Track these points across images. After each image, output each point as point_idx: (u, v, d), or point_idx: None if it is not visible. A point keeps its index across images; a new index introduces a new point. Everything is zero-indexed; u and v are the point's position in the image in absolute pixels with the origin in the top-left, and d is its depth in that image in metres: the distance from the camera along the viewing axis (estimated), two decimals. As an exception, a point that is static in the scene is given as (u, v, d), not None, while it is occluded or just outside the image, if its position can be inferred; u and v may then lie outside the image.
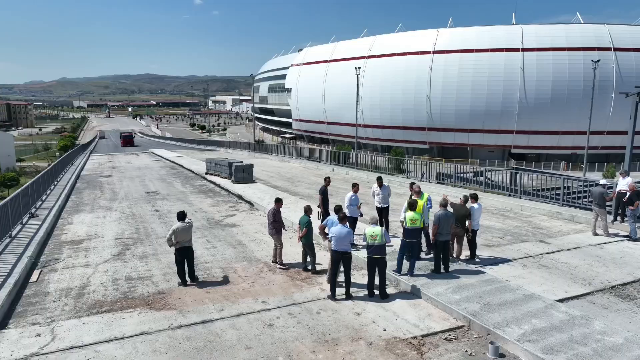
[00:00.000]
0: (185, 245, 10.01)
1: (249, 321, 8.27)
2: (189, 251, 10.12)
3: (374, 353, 7.16)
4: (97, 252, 12.75)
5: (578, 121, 61.06)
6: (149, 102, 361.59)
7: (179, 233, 9.88)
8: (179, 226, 9.92)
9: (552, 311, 8.19)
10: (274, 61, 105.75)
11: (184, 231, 9.98)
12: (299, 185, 23.59)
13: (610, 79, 63.66)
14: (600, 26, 69.45)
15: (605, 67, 61.49)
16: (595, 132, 60.65)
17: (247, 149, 51.26)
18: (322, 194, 13.04)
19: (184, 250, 9.98)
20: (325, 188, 13.21)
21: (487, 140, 69.01)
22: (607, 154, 66.81)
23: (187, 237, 10.05)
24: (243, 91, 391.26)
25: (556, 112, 64.44)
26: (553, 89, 65.10)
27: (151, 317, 8.49)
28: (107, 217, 17.08)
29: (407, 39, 74.48)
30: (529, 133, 66.92)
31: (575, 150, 65.99)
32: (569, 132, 65.27)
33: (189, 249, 10.09)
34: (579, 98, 63.07)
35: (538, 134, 66.67)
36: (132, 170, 32.27)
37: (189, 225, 10.14)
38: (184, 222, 10.04)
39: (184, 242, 10.00)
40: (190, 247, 10.16)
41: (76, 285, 10.22)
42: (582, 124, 58.14)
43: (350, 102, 71.38)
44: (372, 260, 9.11)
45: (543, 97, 65.42)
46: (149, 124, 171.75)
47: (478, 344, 7.46)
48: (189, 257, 10.10)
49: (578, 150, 64.62)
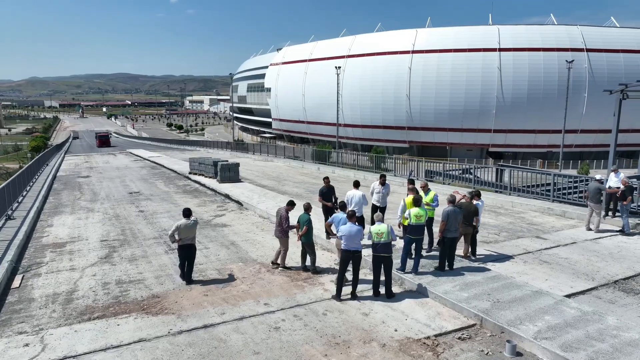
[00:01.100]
0: (188, 243, 9.81)
1: (254, 325, 7.88)
2: (192, 249, 9.93)
3: (389, 355, 6.87)
4: (83, 255, 12.12)
5: (553, 120, 62.27)
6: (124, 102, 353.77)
7: (182, 230, 9.71)
8: (183, 223, 9.75)
9: (563, 307, 8.06)
10: (252, 60, 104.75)
11: (187, 228, 9.76)
12: (286, 184, 23.19)
13: (583, 79, 65.12)
14: (573, 27, 71.12)
15: (578, 67, 62.89)
16: (570, 131, 61.95)
17: (227, 148, 50.46)
18: (321, 195, 12.49)
19: (186, 248, 9.80)
20: (325, 189, 12.51)
21: (466, 139, 69.81)
22: (581, 152, 68.35)
23: (190, 235, 9.86)
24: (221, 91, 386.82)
25: (532, 111, 65.59)
26: (529, 88, 66.23)
27: (148, 322, 8.01)
28: (89, 219, 16.36)
29: (386, 38, 74.81)
30: (506, 132, 67.93)
31: (551, 148, 67.30)
32: (545, 130, 66.47)
33: (191, 247, 9.89)
34: (553, 97, 64.34)
35: (515, 132, 67.73)
36: (111, 171, 31.27)
37: (193, 223, 9.92)
38: (189, 220, 9.86)
39: (187, 240, 9.78)
40: (192, 245, 9.95)
41: (63, 291, 9.63)
42: (557, 123, 59.38)
43: (330, 102, 71.22)
44: (378, 258, 8.83)
45: (519, 97, 66.52)
46: (125, 124, 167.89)
47: (493, 342, 7.26)
48: (190, 255, 9.92)
49: (553, 148, 65.92)
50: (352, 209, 9.85)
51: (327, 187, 12.54)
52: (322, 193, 12.52)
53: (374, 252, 8.86)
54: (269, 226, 14.98)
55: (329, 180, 12.95)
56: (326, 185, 12.63)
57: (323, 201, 12.45)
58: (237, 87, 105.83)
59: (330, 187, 12.57)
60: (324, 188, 12.55)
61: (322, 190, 12.56)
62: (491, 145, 69.43)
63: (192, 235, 9.91)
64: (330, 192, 12.45)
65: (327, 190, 12.47)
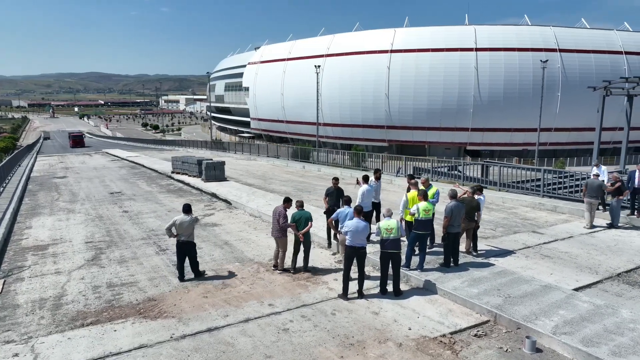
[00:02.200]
0: (183, 239, 9.52)
1: (260, 327, 7.50)
2: (189, 246, 9.64)
3: (407, 355, 6.60)
4: (68, 257, 11.48)
5: (528, 119, 63.43)
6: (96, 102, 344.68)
7: (178, 226, 9.48)
8: (179, 218, 9.55)
9: (575, 301, 7.95)
10: (230, 59, 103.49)
11: (183, 224, 9.47)
12: (272, 183, 22.76)
13: (556, 78, 66.55)
14: (546, 28, 72.70)
15: (551, 67, 64.25)
16: (544, 129, 63.24)
17: (207, 147, 49.58)
18: (327, 196, 11.59)
19: (183, 245, 9.54)
20: (333, 190, 11.55)
21: (444, 138, 70.54)
22: (555, 149, 69.85)
23: (186, 232, 9.57)
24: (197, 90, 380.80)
25: (508, 110, 66.67)
26: (505, 88, 67.31)
27: (147, 327, 7.54)
28: (71, 220, 15.61)
29: (365, 38, 74.95)
30: (484, 131, 68.92)
31: (526, 146, 68.59)
32: (521, 129, 67.64)
33: (188, 244, 9.60)
34: (529, 97, 65.55)
35: (492, 131, 68.75)
36: (88, 171, 30.19)
37: (190, 220, 9.61)
38: (186, 216, 9.56)
39: (182, 236, 9.51)
40: (190, 242, 9.65)
41: (50, 296, 9.03)
42: (532, 122, 60.54)
43: (309, 101, 70.96)
44: (387, 255, 8.55)
45: (496, 96, 67.54)
46: (98, 124, 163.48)
47: (510, 339, 7.07)
48: (189, 252, 9.66)
49: (529, 146, 67.19)
50: (359, 205, 9.53)
51: (335, 189, 11.52)
52: (329, 194, 11.56)
53: (382, 248, 8.58)
54: (261, 225, 14.57)
55: (337, 181, 11.88)
56: (334, 186, 11.61)
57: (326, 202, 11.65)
58: (215, 87, 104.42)
59: (339, 189, 11.51)
60: (332, 189, 11.57)
61: (329, 190, 11.59)
62: (469, 143, 70.32)
63: (188, 232, 9.59)
64: (340, 195, 11.26)
65: (336, 193, 11.44)
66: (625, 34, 71.02)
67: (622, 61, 67.67)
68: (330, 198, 11.46)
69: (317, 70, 64.54)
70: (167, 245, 12.38)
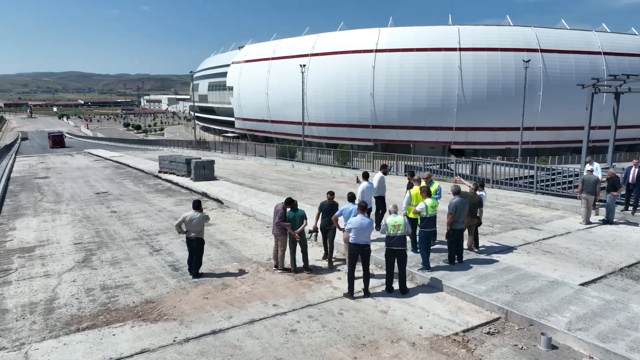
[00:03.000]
0: (193, 236, 9.43)
1: (267, 328, 7.22)
2: (198, 243, 9.51)
3: (422, 354, 6.41)
4: (56, 259, 11.00)
5: (511, 118, 64.15)
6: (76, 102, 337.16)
7: (188, 222, 9.42)
8: (189, 215, 9.47)
9: (584, 297, 7.87)
10: (213, 59, 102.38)
11: (192, 221, 9.39)
12: (263, 182, 22.43)
13: (538, 78, 67.44)
14: (527, 29, 73.71)
15: (533, 67, 65.09)
16: (527, 128, 64.05)
17: (191, 147, 48.89)
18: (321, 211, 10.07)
19: (193, 242, 9.46)
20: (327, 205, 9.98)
21: (429, 137, 70.90)
22: (537, 148, 70.83)
23: (195, 229, 9.42)
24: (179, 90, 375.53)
25: (491, 110, 67.33)
26: (488, 87, 67.97)
27: (148, 330, 7.19)
28: (57, 221, 15.06)
29: (349, 37, 74.89)
30: (467, 130, 69.48)
31: (509, 145, 69.37)
32: (504, 128, 68.36)
33: (197, 241, 9.49)
34: (511, 96, 66.26)
35: (475, 130, 69.36)
36: (71, 171, 29.37)
37: (200, 217, 9.47)
38: (195, 212, 9.48)
39: (192, 233, 9.43)
40: (199, 239, 9.51)
41: (41, 299, 8.60)
42: (515, 121, 61.27)
43: (294, 100, 70.60)
44: (393, 252, 8.35)
45: (479, 95, 68.15)
46: (78, 125, 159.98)
47: (524, 336, 6.93)
48: (197, 249, 9.54)
49: (512, 145, 67.97)
50: (363, 200, 9.30)
51: (330, 204, 9.95)
52: (323, 210, 10.00)
53: (388, 245, 8.38)
54: (255, 224, 14.26)
55: (333, 196, 10.11)
56: (329, 201, 9.99)
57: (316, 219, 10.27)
58: (198, 86, 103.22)
59: (334, 204, 9.98)
60: (326, 204, 9.99)
61: (324, 206, 10.00)
62: (453, 142, 70.82)
63: (197, 229, 9.46)
64: (334, 211, 9.81)
65: (330, 209, 9.92)
66: (603, 35, 72.42)
67: (601, 61, 68.90)
68: (324, 217, 9.97)
69: (303, 70, 64.20)
70: (160, 245, 12.00)
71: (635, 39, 72.86)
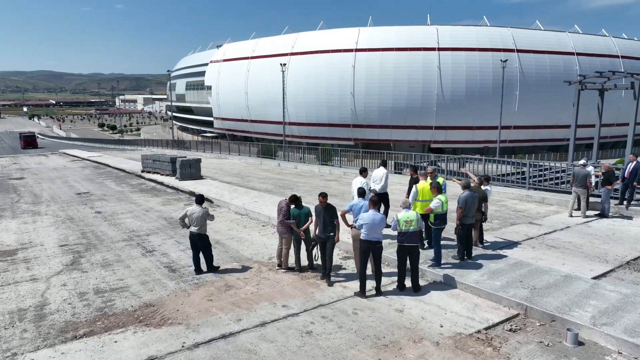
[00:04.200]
0: (193, 231, 9.23)
1: (280, 330, 6.82)
2: (200, 238, 9.27)
3: (448, 354, 6.12)
4: (42, 262, 10.34)
5: (489, 117, 65.05)
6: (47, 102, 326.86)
7: (189, 216, 9.25)
8: (190, 209, 9.35)
9: (601, 291, 7.73)
10: (191, 57, 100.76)
11: (192, 215, 9.20)
12: (251, 181, 21.91)
13: (514, 78, 68.51)
14: (504, 29, 74.91)
15: (510, 67, 66.16)
16: (504, 127, 65.06)
17: (170, 147, 47.80)
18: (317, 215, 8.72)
19: (194, 237, 9.25)
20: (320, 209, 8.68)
21: (409, 136, 71.25)
22: (514, 146, 72.00)
23: (197, 223, 9.19)
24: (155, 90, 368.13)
25: (470, 109, 68.10)
26: (467, 86, 68.71)
27: (153, 336, 6.71)
28: (38, 223, 14.27)
29: (329, 36, 74.71)
30: (447, 129, 70.09)
31: (487, 144, 70.33)
32: (482, 127, 69.24)
33: (199, 236, 9.24)
34: (489, 95, 67.18)
35: (454, 129, 70.04)
36: (47, 172, 28.18)
37: (200, 211, 9.20)
38: (196, 206, 9.31)
39: (193, 227, 9.23)
40: (201, 235, 9.27)
41: (30, 305, 7.99)
42: (493, 120, 62.16)
43: (274, 100, 70.05)
44: (405, 249, 8.06)
45: (458, 95, 68.86)
46: (50, 125, 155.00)
47: (547, 332, 6.72)
48: (200, 245, 9.32)
49: (490, 144, 68.92)
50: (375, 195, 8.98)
51: (323, 207, 8.65)
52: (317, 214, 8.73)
53: (400, 242, 8.09)
54: (250, 223, 13.80)
55: (326, 198, 8.73)
56: (322, 204, 8.64)
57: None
58: (175, 85, 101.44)
59: (329, 207, 8.69)
60: (319, 208, 8.68)
61: (316, 210, 8.77)
62: (433, 141, 71.33)
63: (199, 225, 9.20)
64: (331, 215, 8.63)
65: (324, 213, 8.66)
66: (576, 36, 74.10)
67: (574, 62, 70.47)
68: (320, 223, 8.64)
69: (283, 69, 63.73)
70: (152, 246, 11.44)
71: (605, 40, 74.83)
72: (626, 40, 75.90)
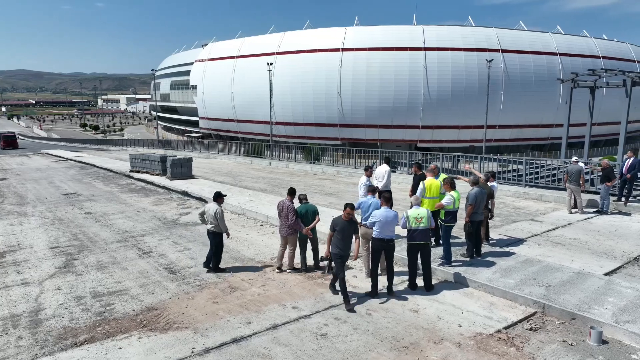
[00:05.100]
0: (209, 228, 9.07)
1: (294, 333, 6.52)
2: (214, 236, 9.07)
3: (471, 355, 5.89)
4: (33, 265, 9.85)
5: (475, 116, 65.57)
6: (27, 102, 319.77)
7: (206, 213, 9.13)
8: (207, 206, 9.26)
9: (617, 287, 7.61)
10: (175, 56, 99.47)
11: (208, 212, 9.07)
12: (243, 180, 21.51)
13: (499, 78, 69.12)
14: (489, 29, 75.59)
15: (495, 66, 66.76)
16: (489, 126, 65.61)
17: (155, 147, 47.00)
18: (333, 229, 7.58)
19: (209, 234, 9.10)
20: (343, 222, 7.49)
21: (396, 135, 71.41)
22: (499, 145, 72.64)
23: (214, 222, 8.98)
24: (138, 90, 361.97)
25: (456, 108, 68.52)
26: (453, 86, 69.10)
27: (159, 341, 6.34)
28: (25, 224, 13.69)
29: (316, 36, 74.47)
30: (433, 128, 70.41)
31: (473, 143, 70.86)
32: (468, 126, 69.75)
33: (213, 234, 9.07)
34: (474, 95, 67.67)
35: (441, 128, 70.40)
36: (31, 172, 27.33)
37: (214, 209, 8.98)
38: (213, 204, 9.16)
39: (209, 225, 9.07)
40: (215, 233, 9.05)
41: (23, 311, 7.54)
42: (478, 119, 62.69)
43: (260, 99, 69.52)
44: (415, 247, 7.83)
45: (444, 94, 69.20)
46: (30, 125, 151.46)
47: (568, 330, 6.55)
48: (213, 243, 9.11)
49: (475, 143, 69.45)
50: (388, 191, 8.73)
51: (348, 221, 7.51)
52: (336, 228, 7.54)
53: (410, 240, 7.84)
54: (247, 222, 13.44)
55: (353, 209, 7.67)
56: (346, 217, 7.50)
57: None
58: (160, 85, 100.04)
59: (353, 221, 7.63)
60: (341, 221, 7.53)
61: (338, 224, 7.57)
62: (419, 140, 71.61)
63: (216, 223, 8.98)
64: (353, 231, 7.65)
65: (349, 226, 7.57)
66: (558, 37, 75.15)
67: (557, 62, 71.39)
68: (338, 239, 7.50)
69: (270, 68, 63.26)
70: (148, 247, 11.02)
71: (587, 40, 76.02)
72: (607, 41, 77.22)
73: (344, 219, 7.51)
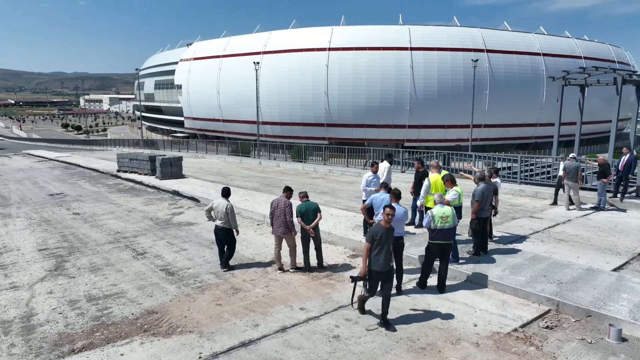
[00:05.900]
0: (219, 224, 8.87)
1: (305, 336, 6.24)
2: (226, 232, 8.87)
3: (492, 356, 5.69)
4: (22, 268, 9.39)
5: (461, 116, 65.95)
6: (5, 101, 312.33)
7: (215, 209, 8.96)
8: (216, 202, 9.06)
9: (628, 283, 7.51)
10: (160, 56, 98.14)
11: (218, 208, 8.88)
12: (234, 179, 21.12)
13: (484, 77, 69.62)
14: (474, 30, 76.18)
15: (480, 66, 67.27)
16: (475, 126, 66.12)
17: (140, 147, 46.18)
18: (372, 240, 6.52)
19: (218, 231, 8.92)
20: (384, 231, 6.48)
21: (383, 135, 71.47)
22: (484, 145, 73.21)
23: (224, 218, 8.80)
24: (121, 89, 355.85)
25: (442, 108, 68.82)
26: (439, 86, 69.41)
27: (164, 347, 6.01)
28: (10, 226, 13.15)
29: (302, 35, 74.17)
30: (420, 127, 70.62)
31: (459, 142, 71.29)
32: (454, 125, 70.13)
33: (222, 231, 8.87)
34: (460, 94, 68.05)
35: (427, 128, 70.63)
36: (12, 172, 26.51)
37: (224, 205, 8.73)
38: (222, 200, 8.95)
39: (218, 221, 8.89)
40: (226, 229, 8.85)
41: (14, 317, 7.12)
42: (464, 118, 63.08)
43: (247, 99, 68.97)
44: (439, 246, 7.55)
45: (430, 94, 69.47)
46: (9, 126, 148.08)
47: (585, 328, 6.40)
48: (223, 239, 8.95)
49: (461, 142, 69.88)
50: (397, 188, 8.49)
51: (387, 229, 6.50)
52: (375, 238, 6.44)
53: (433, 239, 7.57)
54: (243, 222, 13.08)
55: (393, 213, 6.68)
56: (386, 224, 6.47)
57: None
58: (144, 84, 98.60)
59: (390, 229, 6.64)
60: (382, 230, 6.46)
61: (378, 232, 6.45)
62: (406, 140, 71.79)
63: (225, 219, 8.79)
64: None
65: (387, 235, 6.63)
66: (541, 37, 76.08)
67: (541, 62, 72.25)
68: (382, 254, 6.43)
69: (257, 67, 62.70)
70: (143, 248, 10.63)
71: (569, 41, 77.12)
72: (588, 42, 78.45)
73: (384, 225, 6.37)
